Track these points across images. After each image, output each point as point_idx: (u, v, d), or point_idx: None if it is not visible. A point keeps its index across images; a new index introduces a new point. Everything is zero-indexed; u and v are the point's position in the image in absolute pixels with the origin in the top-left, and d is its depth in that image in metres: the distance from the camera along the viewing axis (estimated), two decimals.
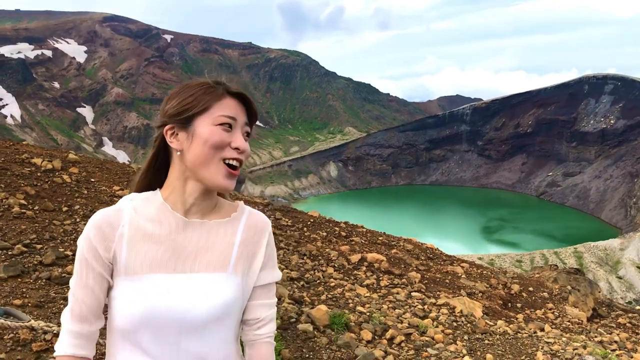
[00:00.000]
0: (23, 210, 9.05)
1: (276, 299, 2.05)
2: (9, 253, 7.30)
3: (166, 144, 1.83)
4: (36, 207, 9.42)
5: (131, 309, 1.70)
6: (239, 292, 1.85)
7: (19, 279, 6.57)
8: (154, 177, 1.89)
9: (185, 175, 1.81)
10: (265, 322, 1.97)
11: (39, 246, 7.74)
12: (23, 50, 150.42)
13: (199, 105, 1.77)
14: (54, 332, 3.47)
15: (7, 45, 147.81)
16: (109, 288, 1.78)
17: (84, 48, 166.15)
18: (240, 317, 1.91)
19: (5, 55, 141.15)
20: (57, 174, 11.33)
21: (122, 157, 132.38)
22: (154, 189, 1.88)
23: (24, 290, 6.26)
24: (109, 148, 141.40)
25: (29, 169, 11.13)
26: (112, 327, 1.77)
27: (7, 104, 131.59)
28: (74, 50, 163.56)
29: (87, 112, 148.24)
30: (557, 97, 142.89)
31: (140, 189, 1.90)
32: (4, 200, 9.30)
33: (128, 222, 1.76)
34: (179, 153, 1.79)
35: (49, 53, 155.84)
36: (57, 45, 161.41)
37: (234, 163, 1.79)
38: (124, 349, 1.76)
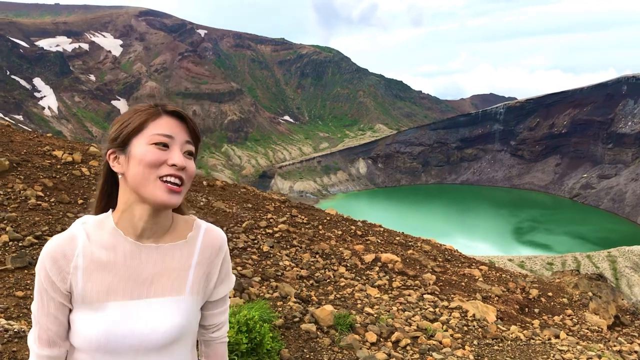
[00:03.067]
0: (39, 202, 9.21)
1: (229, 303, 2.17)
2: (19, 244, 7.43)
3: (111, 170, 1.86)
4: (52, 199, 9.57)
5: (89, 334, 1.78)
6: (196, 312, 1.96)
7: (26, 271, 6.67)
8: (109, 200, 1.91)
9: (132, 198, 1.81)
10: (220, 326, 2.13)
11: (49, 238, 7.86)
12: (61, 44, 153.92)
13: (132, 126, 1.80)
14: (15, 330, 3.48)
15: (46, 39, 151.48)
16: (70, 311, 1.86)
17: (120, 42, 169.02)
18: (196, 331, 2.03)
19: (45, 48, 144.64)
20: (76, 166, 11.50)
21: None
22: (113, 207, 1.90)
23: (28, 282, 6.36)
24: None
25: (49, 161, 11.32)
26: (73, 345, 1.87)
27: (45, 96, 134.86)
28: (110, 43, 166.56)
29: (121, 104, 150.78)
30: (594, 97, 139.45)
31: (98, 212, 1.92)
32: (21, 192, 9.47)
33: (82, 252, 1.78)
34: (120, 176, 1.82)
35: (85, 46, 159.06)
36: (93, 38, 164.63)
37: (172, 180, 1.78)
38: None
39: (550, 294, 12.80)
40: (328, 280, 9.69)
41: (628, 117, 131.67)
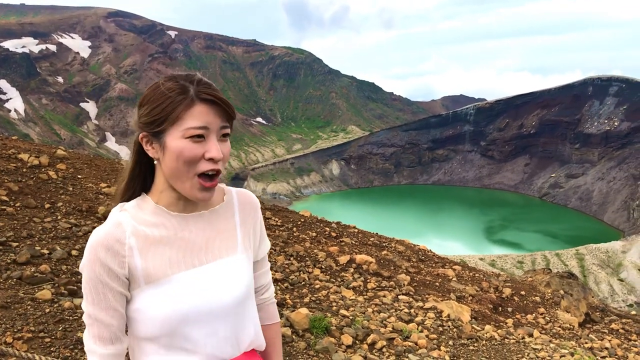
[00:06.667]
0: (4, 207, 8.91)
1: (269, 263, 2.24)
2: None
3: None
4: (18, 204, 9.28)
5: (164, 313, 1.73)
6: (251, 270, 1.98)
7: None
8: (137, 183, 1.87)
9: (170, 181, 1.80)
10: (268, 286, 2.19)
11: (14, 244, 7.60)
12: (27, 45, 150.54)
13: (170, 118, 1.70)
14: None
15: (11, 40, 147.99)
16: (127, 302, 1.79)
17: (88, 43, 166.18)
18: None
19: (10, 50, 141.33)
20: (43, 170, 11.19)
21: (124, 152, 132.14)
22: (138, 195, 1.87)
23: None
24: (111, 143, 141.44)
25: (14, 165, 11.00)
26: (138, 338, 1.79)
27: (11, 98, 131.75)
28: (78, 45, 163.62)
29: (90, 107, 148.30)
30: (561, 98, 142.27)
31: (125, 199, 1.87)
32: None
33: (132, 233, 1.74)
34: (155, 162, 1.79)
35: (53, 48, 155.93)
36: (61, 40, 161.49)
37: (210, 173, 1.74)
38: (157, 355, 1.79)
39: (523, 292, 12.93)
40: (303, 282, 9.60)
41: (594, 117, 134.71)
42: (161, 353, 1.79)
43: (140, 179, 1.87)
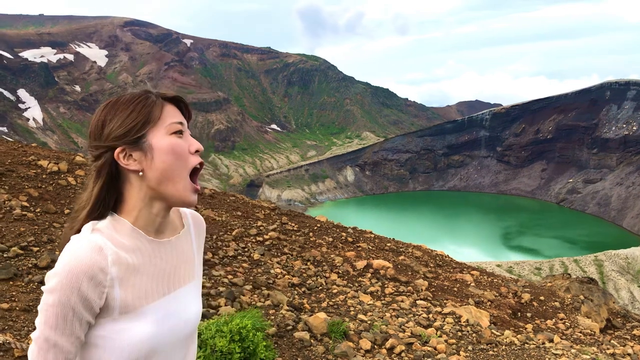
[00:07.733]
0: (24, 213, 9.02)
1: None
2: (4, 255, 7.25)
3: (116, 170, 1.72)
4: (38, 210, 9.39)
5: (135, 344, 1.68)
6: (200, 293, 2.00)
7: (11, 282, 6.50)
8: (103, 207, 1.74)
9: (149, 195, 1.73)
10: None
11: (35, 249, 7.68)
12: (46, 54, 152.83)
13: (150, 119, 1.70)
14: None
15: (30, 50, 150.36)
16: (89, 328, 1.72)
17: (105, 52, 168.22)
18: None
19: (29, 60, 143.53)
20: (62, 176, 11.31)
21: None
22: (102, 216, 1.75)
23: (13, 293, 6.19)
24: None
25: (34, 171, 11.13)
26: None
27: (29, 107, 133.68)
28: (95, 54, 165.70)
29: None
30: (578, 102, 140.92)
31: (90, 219, 1.75)
32: (6, 202, 9.28)
33: (114, 262, 1.65)
34: (140, 174, 1.70)
35: (70, 57, 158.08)
36: (78, 49, 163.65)
37: (198, 166, 1.77)
38: None
39: (542, 298, 12.77)
40: (320, 287, 9.58)
41: (612, 122, 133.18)
42: None
43: (107, 200, 1.74)
